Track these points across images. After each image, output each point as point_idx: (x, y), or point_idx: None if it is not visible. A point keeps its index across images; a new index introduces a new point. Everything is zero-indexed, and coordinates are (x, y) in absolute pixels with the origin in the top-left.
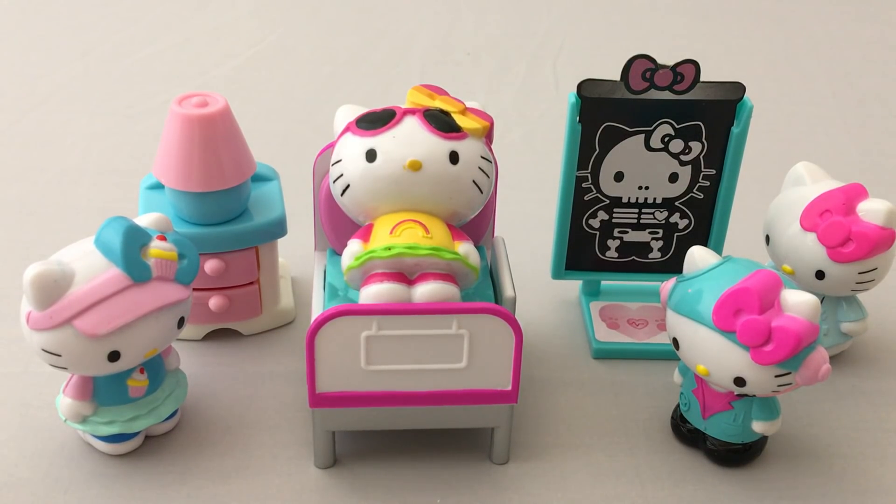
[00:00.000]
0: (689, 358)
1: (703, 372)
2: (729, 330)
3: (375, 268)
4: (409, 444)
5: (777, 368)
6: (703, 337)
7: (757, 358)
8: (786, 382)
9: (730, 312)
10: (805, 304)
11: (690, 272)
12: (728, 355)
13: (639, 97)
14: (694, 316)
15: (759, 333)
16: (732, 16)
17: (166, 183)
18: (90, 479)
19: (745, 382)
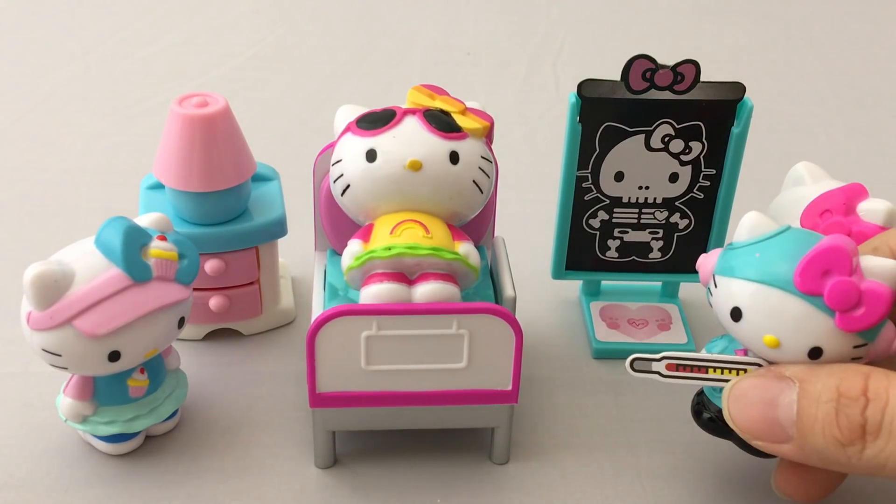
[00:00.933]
0: (756, 328)
1: (772, 343)
2: (815, 293)
3: (375, 268)
4: (409, 444)
5: (857, 338)
6: (777, 303)
7: (844, 324)
8: (859, 356)
9: (818, 273)
10: (889, 268)
11: (748, 237)
12: (809, 322)
13: (639, 97)
14: (767, 279)
15: (850, 297)
16: (732, 16)
17: (166, 183)
18: (90, 479)
19: (822, 353)
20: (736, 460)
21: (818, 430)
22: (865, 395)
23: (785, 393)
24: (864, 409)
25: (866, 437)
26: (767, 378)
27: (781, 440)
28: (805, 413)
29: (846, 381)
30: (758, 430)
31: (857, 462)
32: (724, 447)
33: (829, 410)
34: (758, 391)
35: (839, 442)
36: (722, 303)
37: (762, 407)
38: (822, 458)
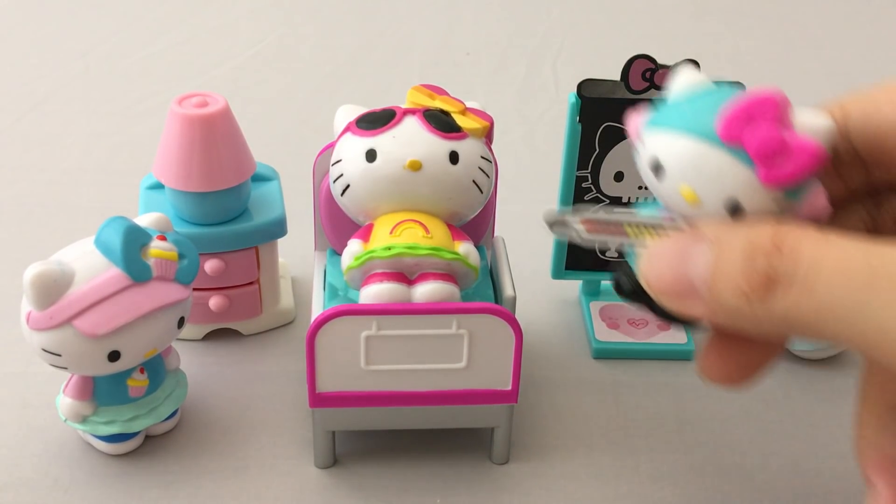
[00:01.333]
0: (674, 183)
1: (690, 197)
2: (736, 142)
3: (375, 268)
4: (409, 444)
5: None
6: (699, 153)
7: (766, 176)
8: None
9: (741, 121)
10: (821, 126)
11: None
12: (728, 174)
13: (639, 97)
14: (690, 130)
15: (774, 146)
16: (732, 16)
17: (166, 183)
18: (90, 479)
19: (741, 209)
20: (735, 460)
21: (727, 285)
22: (776, 246)
23: (700, 250)
24: (771, 260)
25: (774, 289)
26: (683, 236)
27: (692, 299)
28: (716, 268)
29: (758, 233)
30: (669, 289)
31: (764, 317)
32: (725, 447)
33: (739, 263)
34: (672, 249)
35: (746, 296)
36: (645, 159)
37: (675, 265)
38: (731, 316)
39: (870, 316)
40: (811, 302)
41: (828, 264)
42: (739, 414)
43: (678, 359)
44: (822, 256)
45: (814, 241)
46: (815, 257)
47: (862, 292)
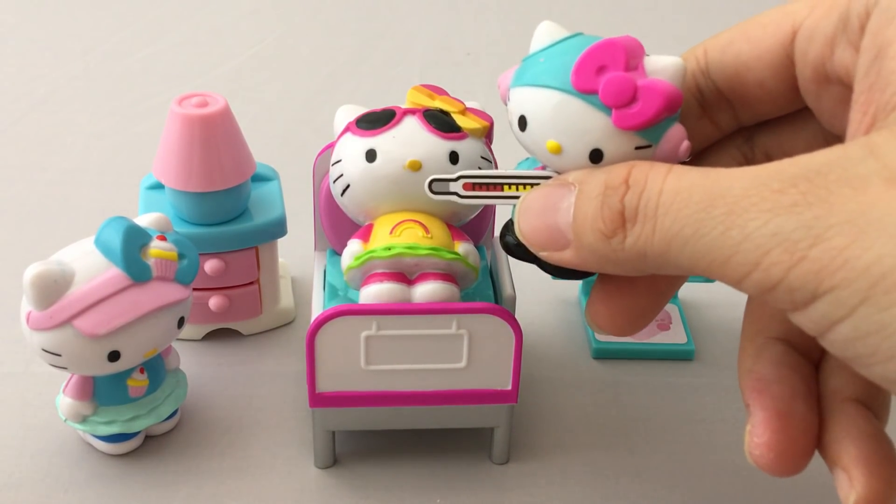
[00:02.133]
0: (539, 135)
1: (554, 148)
2: (590, 90)
3: (375, 268)
4: (409, 444)
5: (638, 138)
6: (556, 105)
7: (620, 120)
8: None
9: (592, 70)
10: (671, 65)
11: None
12: (586, 122)
13: None
14: (548, 82)
15: (624, 91)
16: (732, 16)
17: (166, 183)
18: (90, 479)
19: (603, 155)
20: (735, 461)
21: (588, 227)
22: (626, 183)
23: (565, 197)
24: (622, 197)
25: (626, 225)
26: (552, 186)
27: (562, 246)
28: (578, 213)
29: (612, 174)
30: (541, 238)
31: (623, 255)
32: (724, 447)
33: (596, 204)
34: (542, 199)
35: (604, 234)
36: (512, 115)
37: (544, 214)
38: (595, 258)
39: (706, 236)
40: (658, 232)
41: (668, 192)
42: (739, 414)
43: (678, 359)
44: (665, 187)
45: (659, 174)
46: (658, 188)
47: (697, 214)
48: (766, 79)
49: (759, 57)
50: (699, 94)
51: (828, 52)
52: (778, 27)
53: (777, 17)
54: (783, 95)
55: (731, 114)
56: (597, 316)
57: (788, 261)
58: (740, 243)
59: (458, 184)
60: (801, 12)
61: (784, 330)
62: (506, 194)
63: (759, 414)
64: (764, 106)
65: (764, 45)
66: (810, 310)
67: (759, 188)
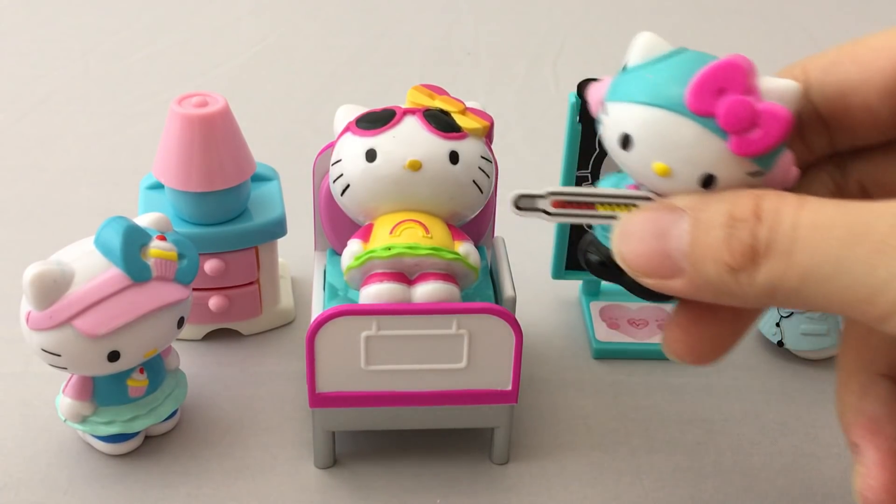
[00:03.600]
0: (645, 156)
1: (662, 171)
2: (707, 113)
3: (375, 268)
4: (409, 444)
5: (752, 164)
6: (669, 126)
7: (738, 147)
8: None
9: (711, 92)
10: (787, 89)
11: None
12: (700, 146)
13: None
14: (659, 101)
15: (745, 116)
16: (732, 16)
17: (166, 183)
18: (90, 479)
19: (715, 181)
20: (736, 461)
21: (710, 258)
22: (756, 216)
23: (676, 224)
24: (754, 230)
25: (757, 259)
26: (658, 210)
27: (672, 275)
28: (697, 241)
29: (737, 204)
30: (648, 265)
31: (749, 289)
32: (724, 448)
33: (720, 235)
34: (648, 224)
35: (731, 267)
36: (611, 131)
37: (652, 240)
38: (715, 290)
39: (848, 273)
40: (793, 267)
41: (805, 227)
42: (739, 414)
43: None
44: (800, 220)
45: (792, 206)
46: (793, 222)
47: (840, 250)
48: (873, 103)
49: (868, 79)
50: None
51: None
52: (892, 50)
53: (889, 40)
54: (889, 121)
55: (826, 137)
56: (676, 344)
57: None
58: (888, 282)
59: (546, 200)
60: None
61: (892, 366)
62: (599, 213)
63: (872, 455)
64: (866, 131)
65: (874, 66)
66: None
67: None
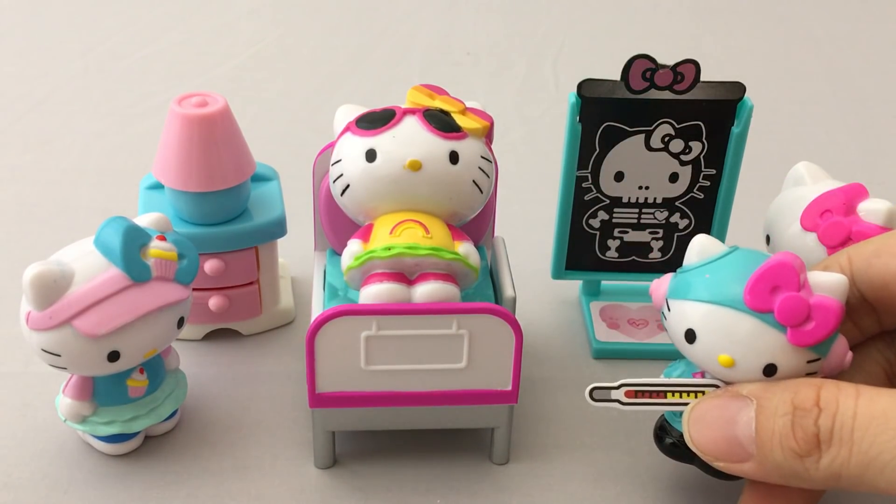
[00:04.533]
0: (710, 349)
1: (727, 363)
2: (765, 310)
3: (375, 268)
4: (409, 444)
5: (810, 353)
6: (729, 322)
7: (796, 338)
8: (813, 371)
9: (766, 290)
10: (836, 283)
11: (698, 260)
12: (761, 339)
13: (639, 97)
14: (719, 300)
15: (800, 311)
16: (732, 16)
17: (166, 183)
18: (90, 479)
19: (776, 370)
20: None
21: (776, 445)
22: (818, 405)
23: (743, 411)
24: (816, 419)
25: (821, 447)
26: (725, 398)
27: (742, 459)
28: (763, 428)
29: (800, 394)
30: (718, 450)
31: (815, 473)
32: None
33: (785, 423)
34: (716, 411)
35: (797, 454)
36: (676, 326)
37: (721, 427)
38: (783, 474)
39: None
40: (855, 456)
41: (863, 416)
42: None
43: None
44: (858, 410)
45: (850, 396)
46: (851, 412)
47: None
48: None
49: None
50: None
51: None
52: None
53: None
54: None
55: (874, 318)
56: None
57: None
58: None
59: (619, 391)
60: None
61: None
62: (670, 401)
63: None
64: None
65: None
66: None
67: None
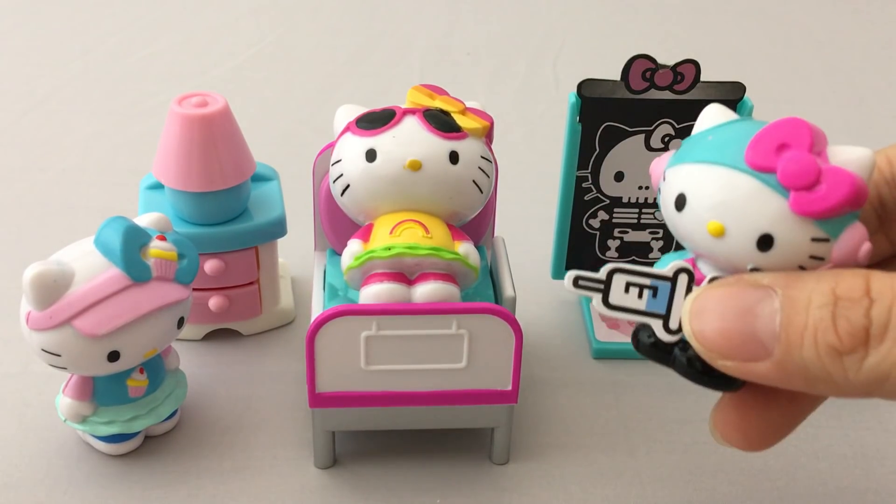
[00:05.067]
0: (699, 215)
1: (717, 230)
2: (767, 168)
3: (375, 268)
4: (409, 444)
5: (815, 228)
6: (725, 182)
7: (799, 205)
8: (820, 255)
9: (772, 146)
10: (859, 156)
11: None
12: (758, 202)
13: (639, 97)
14: (716, 158)
15: (807, 171)
16: (732, 16)
17: (166, 183)
18: (90, 479)
19: (773, 243)
20: (736, 461)
21: (808, 341)
22: (869, 296)
23: (764, 302)
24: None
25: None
26: (740, 286)
27: (757, 357)
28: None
29: (844, 283)
30: (729, 346)
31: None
32: (724, 448)
33: (823, 316)
34: (729, 302)
35: (836, 350)
36: (668, 196)
37: (734, 319)
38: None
39: None
40: None
41: None
42: None
43: None
44: None
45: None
46: None
47: None
48: None
49: None
50: (880, 206)
51: None
52: None
53: None
54: None
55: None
56: (727, 428)
57: None
58: None
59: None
60: None
61: None
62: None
63: None
64: None
65: None
66: None
67: None
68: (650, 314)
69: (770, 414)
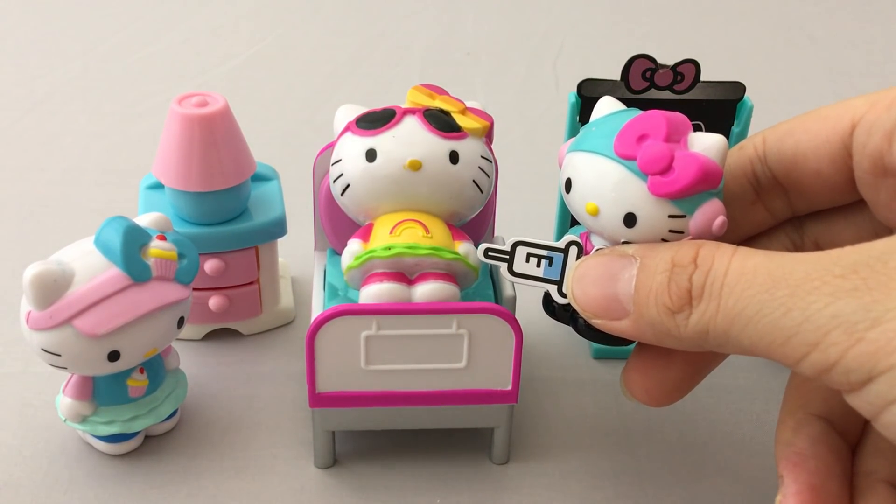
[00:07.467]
0: (580, 197)
1: (593, 210)
2: (630, 157)
3: (375, 267)
4: (409, 444)
5: (672, 206)
6: (599, 169)
7: (654, 187)
8: (678, 229)
9: (634, 138)
10: (713, 142)
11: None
12: (623, 186)
13: (639, 97)
14: (593, 148)
15: (660, 158)
16: (732, 16)
17: (166, 183)
18: (90, 479)
19: (636, 220)
20: (736, 461)
21: (652, 301)
22: (694, 262)
23: (626, 269)
24: (691, 275)
25: (692, 303)
26: (609, 256)
27: (619, 316)
28: (642, 285)
29: (679, 252)
30: (597, 307)
31: (685, 331)
32: (725, 447)
33: (662, 280)
34: (600, 269)
35: (669, 310)
36: (561, 180)
37: (603, 284)
38: (655, 332)
39: (767, 316)
40: (722, 311)
41: (734, 272)
42: (739, 414)
43: None
44: (730, 267)
45: (726, 254)
46: (724, 268)
47: (761, 295)
48: (823, 169)
49: (818, 147)
50: (755, 181)
51: (886, 145)
52: (838, 120)
53: (837, 111)
54: (839, 186)
55: (784, 201)
56: (632, 384)
57: (846, 342)
58: (801, 324)
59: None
60: (861, 107)
61: (825, 408)
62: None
63: (792, 486)
64: (819, 196)
65: (822, 136)
66: (865, 391)
67: (822, 273)
68: (547, 280)
69: (669, 373)
